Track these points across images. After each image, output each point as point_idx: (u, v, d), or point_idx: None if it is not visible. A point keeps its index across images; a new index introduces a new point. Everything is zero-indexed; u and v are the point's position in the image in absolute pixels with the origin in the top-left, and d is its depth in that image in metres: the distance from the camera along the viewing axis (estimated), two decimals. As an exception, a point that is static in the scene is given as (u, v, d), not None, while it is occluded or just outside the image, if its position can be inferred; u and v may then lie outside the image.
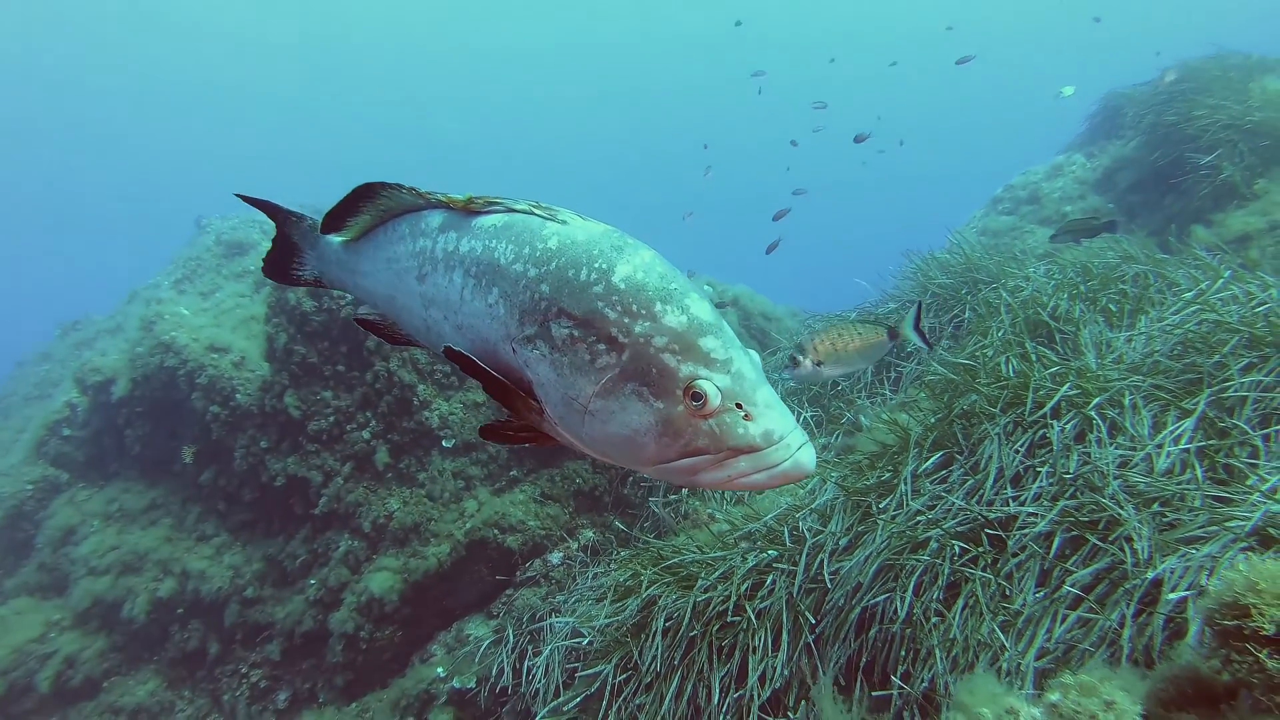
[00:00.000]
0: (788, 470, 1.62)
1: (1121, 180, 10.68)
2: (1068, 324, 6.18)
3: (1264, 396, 4.65)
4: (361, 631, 7.64)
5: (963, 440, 5.13)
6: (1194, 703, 1.90)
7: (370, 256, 2.44)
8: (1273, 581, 1.75)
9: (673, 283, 1.78)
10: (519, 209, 2.02)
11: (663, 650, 4.81)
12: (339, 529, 8.04)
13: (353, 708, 7.64)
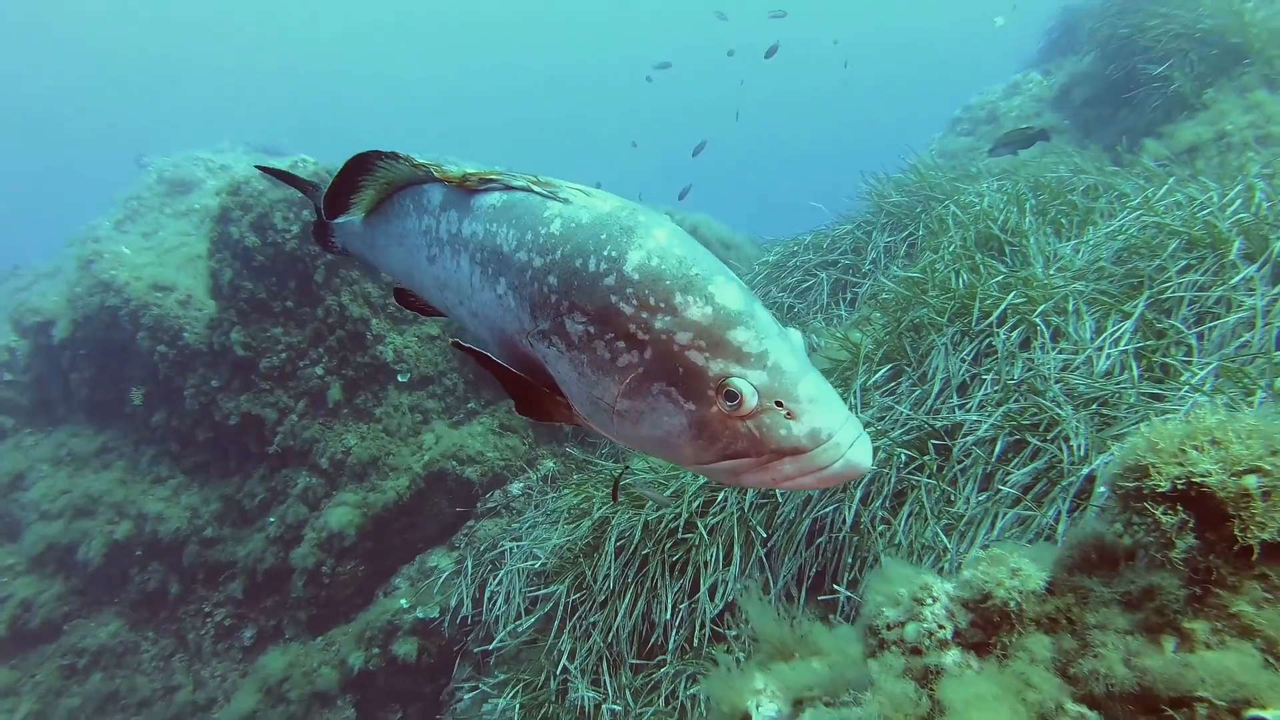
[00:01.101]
0: (839, 471, 1.46)
1: (1077, 96, 10.63)
2: (1018, 236, 6.18)
3: (1199, 296, 4.70)
4: (323, 567, 7.63)
5: (911, 352, 5.15)
6: (1097, 566, 1.93)
7: (383, 231, 2.27)
8: (1170, 441, 1.76)
9: (693, 266, 1.56)
10: (517, 185, 1.82)
11: (615, 569, 4.85)
12: (296, 466, 7.97)
13: (318, 642, 7.68)
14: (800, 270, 7.94)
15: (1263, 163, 6.43)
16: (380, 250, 2.34)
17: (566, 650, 4.95)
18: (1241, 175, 5.90)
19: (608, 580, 4.84)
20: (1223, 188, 5.70)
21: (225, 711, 7.38)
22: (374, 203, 2.24)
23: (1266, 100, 8.30)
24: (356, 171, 2.09)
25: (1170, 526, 1.73)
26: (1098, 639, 1.82)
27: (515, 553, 5.94)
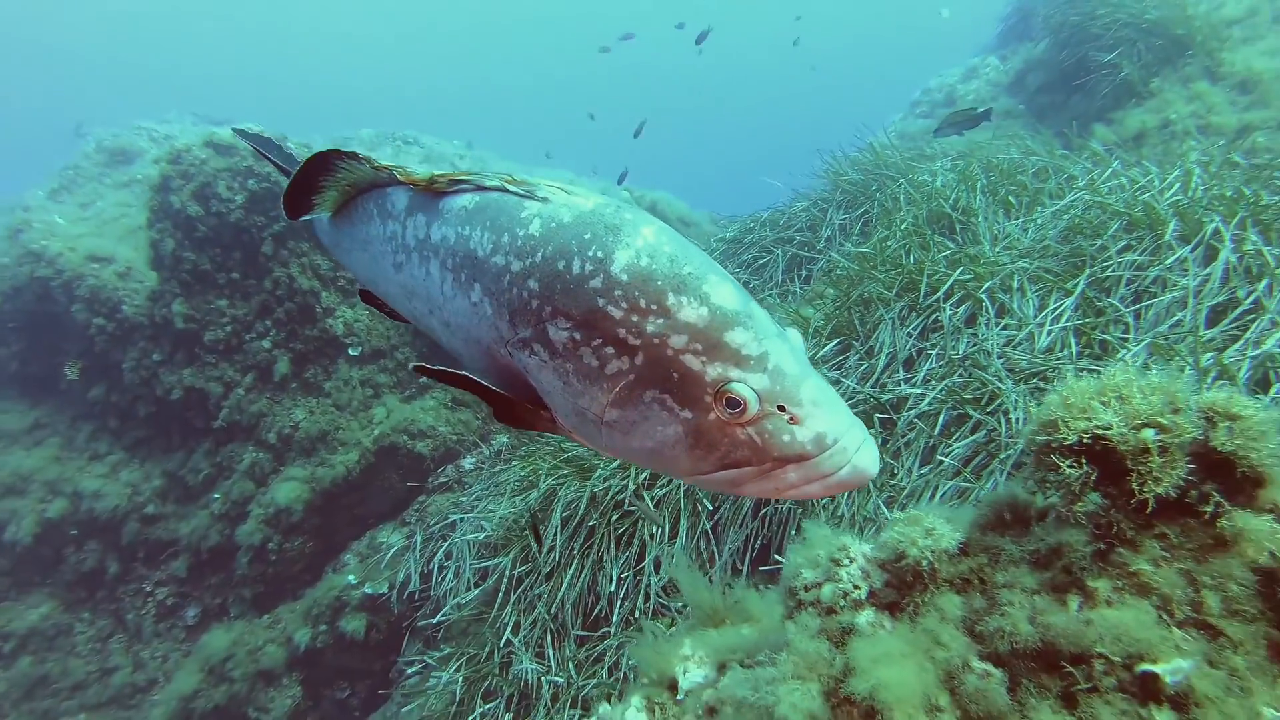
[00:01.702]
0: (845, 478, 1.39)
1: (1032, 81, 10.74)
2: (968, 215, 6.24)
3: (1137, 275, 4.79)
4: (270, 543, 7.53)
5: (860, 327, 5.18)
6: (1010, 526, 1.96)
7: (347, 235, 2.14)
8: (1081, 397, 1.78)
9: (686, 265, 1.47)
10: (490, 186, 1.70)
11: (562, 540, 4.84)
12: (242, 441, 7.82)
13: (264, 620, 7.58)
14: (757, 247, 7.95)
15: (1201, 150, 6.57)
16: (345, 253, 2.21)
17: (510, 623, 4.93)
18: (1181, 161, 6.03)
19: (553, 552, 4.82)
20: (1163, 172, 5.81)
21: (165, 692, 7.25)
22: (337, 204, 2.11)
23: (1208, 91, 8.48)
24: (316, 171, 1.95)
25: (1075, 479, 1.76)
26: (1005, 598, 1.84)
27: (463, 526, 5.90)
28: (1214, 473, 1.82)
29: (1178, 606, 1.77)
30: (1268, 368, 4.19)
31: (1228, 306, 4.55)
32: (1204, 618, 1.76)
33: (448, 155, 12.00)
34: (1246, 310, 4.48)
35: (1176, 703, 1.71)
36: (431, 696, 5.23)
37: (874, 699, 1.72)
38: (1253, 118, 8.14)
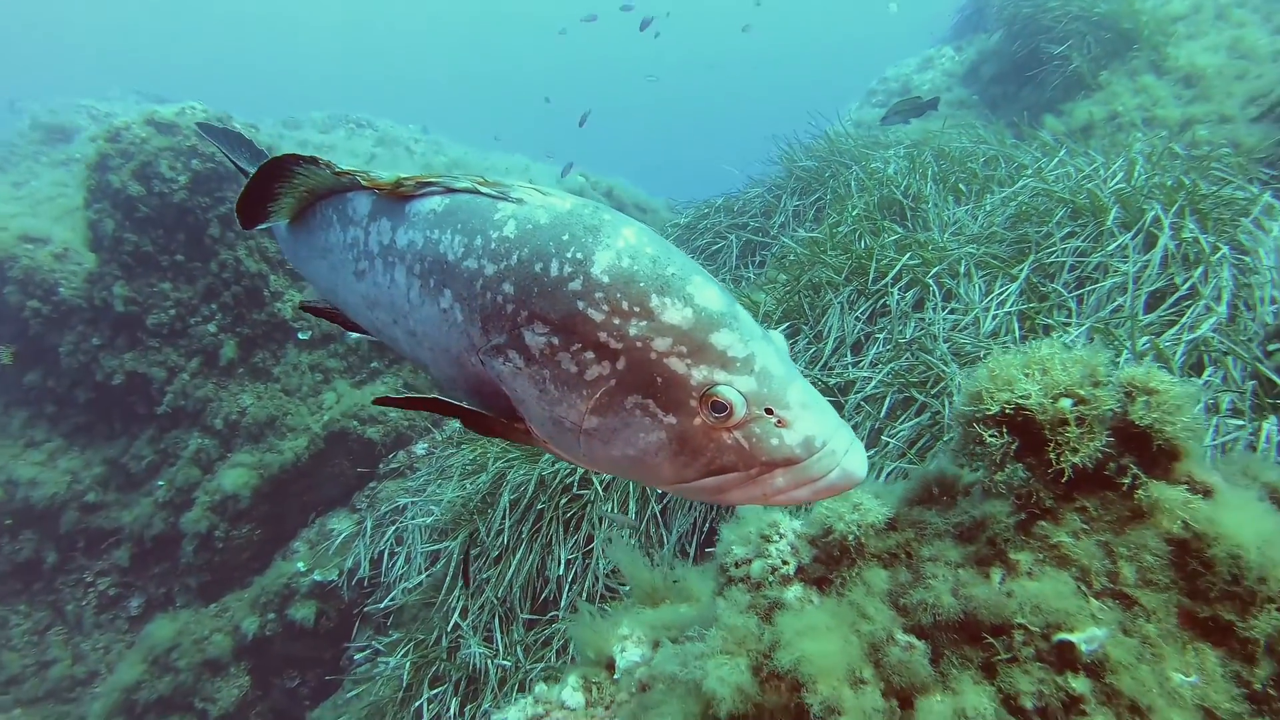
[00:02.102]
0: (835, 482, 1.34)
1: (985, 72, 10.89)
2: (919, 202, 6.30)
3: (1080, 261, 4.88)
4: (217, 531, 7.38)
5: (809, 311, 5.21)
6: (937, 500, 1.98)
7: (305, 243, 2.04)
8: (1005, 369, 1.80)
9: (668, 266, 1.43)
10: (461, 188, 1.63)
11: (510, 524, 4.80)
12: (188, 427, 7.65)
13: (211, 609, 7.44)
14: (711, 232, 7.96)
15: (1145, 141, 6.70)
16: (303, 262, 2.10)
17: (458, 608, 4.89)
18: (1125, 151, 6.15)
19: (501, 536, 4.79)
20: (1108, 161, 5.92)
21: (106, 684, 7.08)
22: (295, 210, 2.00)
23: (1153, 84, 8.66)
24: (271, 178, 1.84)
25: (997, 449, 1.78)
26: (930, 571, 1.86)
27: (412, 510, 5.84)
28: (1132, 446, 1.86)
29: (1095, 577, 1.81)
30: (1201, 351, 4.30)
31: (1166, 292, 4.66)
32: (1120, 588, 1.79)
33: (402, 139, 11.81)
34: (1183, 296, 4.59)
35: (1092, 670, 1.74)
36: (379, 683, 5.18)
37: (798, 671, 1.73)
38: (1195, 111, 8.32)
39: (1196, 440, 1.82)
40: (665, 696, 1.91)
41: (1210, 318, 4.41)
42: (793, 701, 1.82)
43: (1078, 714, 1.71)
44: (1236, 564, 1.70)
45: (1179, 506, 1.77)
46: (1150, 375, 1.82)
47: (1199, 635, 1.79)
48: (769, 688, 1.87)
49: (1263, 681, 1.72)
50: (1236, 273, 4.72)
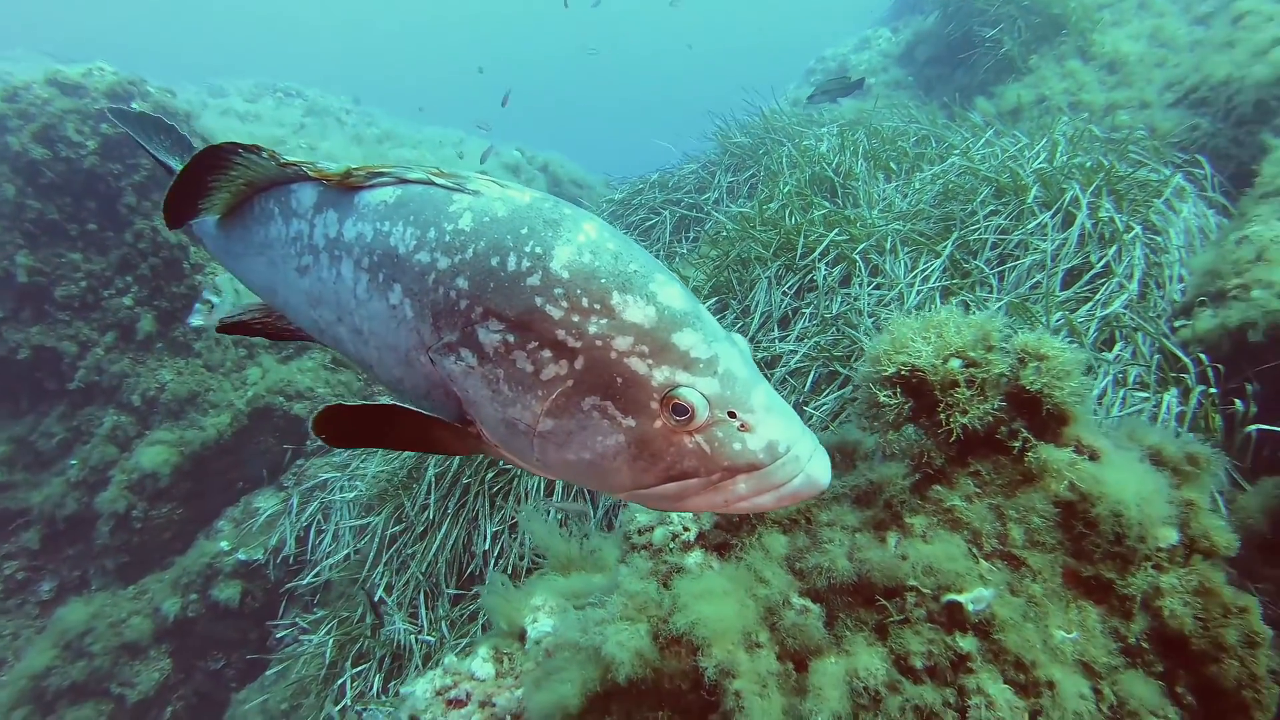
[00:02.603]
0: (798, 488, 1.29)
1: (920, 54, 11.02)
2: (850, 179, 6.36)
3: (1002, 239, 4.99)
4: (134, 511, 7.12)
5: (738, 286, 5.22)
6: (839, 465, 1.99)
7: (240, 239, 1.91)
8: (904, 332, 1.82)
9: (630, 262, 1.38)
10: (414, 179, 1.56)
11: (435, 498, 4.74)
12: (102, 404, 7.34)
13: (129, 591, 7.18)
14: (645, 208, 7.93)
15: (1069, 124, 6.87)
16: (236, 259, 1.98)
17: (383, 584, 4.82)
18: (1048, 132, 6.29)
19: (427, 511, 4.72)
20: (1032, 142, 6.06)
21: (13, 672, 6.80)
22: (228, 205, 1.88)
23: (1079, 69, 8.88)
24: (206, 169, 1.72)
25: (891, 408, 1.80)
26: (827, 535, 1.88)
27: (336, 486, 5.72)
28: (1024, 411, 1.90)
29: (986, 539, 1.85)
30: (1113, 327, 4.44)
31: (1082, 269, 4.80)
32: (1009, 549, 1.84)
33: (333, 109, 11.46)
34: (1098, 274, 4.73)
35: (980, 630, 1.78)
36: (301, 661, 5.08)
37: (692, 634, 1.73)
38: (1118, 97, 8.56)
39: (1084, 405, 1.87)
40: (566, 663, 1.90)
41: (1122, 295, 4.56)
42: (691, 666, 1.82)
43: (965, 672, 1.75)
44: (1118, 521, 1.75)
45: (1065, 467, 1.81)
46: (1041, 342, 1.85)
47: (1082, 594, 1.84)
48: (669, 653, 1.88)
49: (1136, 636, 1.78)
50: (1149, 252, 4.88)
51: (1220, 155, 6.33)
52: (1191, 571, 1.81)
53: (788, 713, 1.75)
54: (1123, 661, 1.78)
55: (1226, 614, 1.80)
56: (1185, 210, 5.20)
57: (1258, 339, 3.92)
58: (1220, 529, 1.82)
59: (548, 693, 1.89)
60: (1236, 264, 4.36)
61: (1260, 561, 3.29)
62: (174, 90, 7.57)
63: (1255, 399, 3.72)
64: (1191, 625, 1.77)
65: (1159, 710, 1.75)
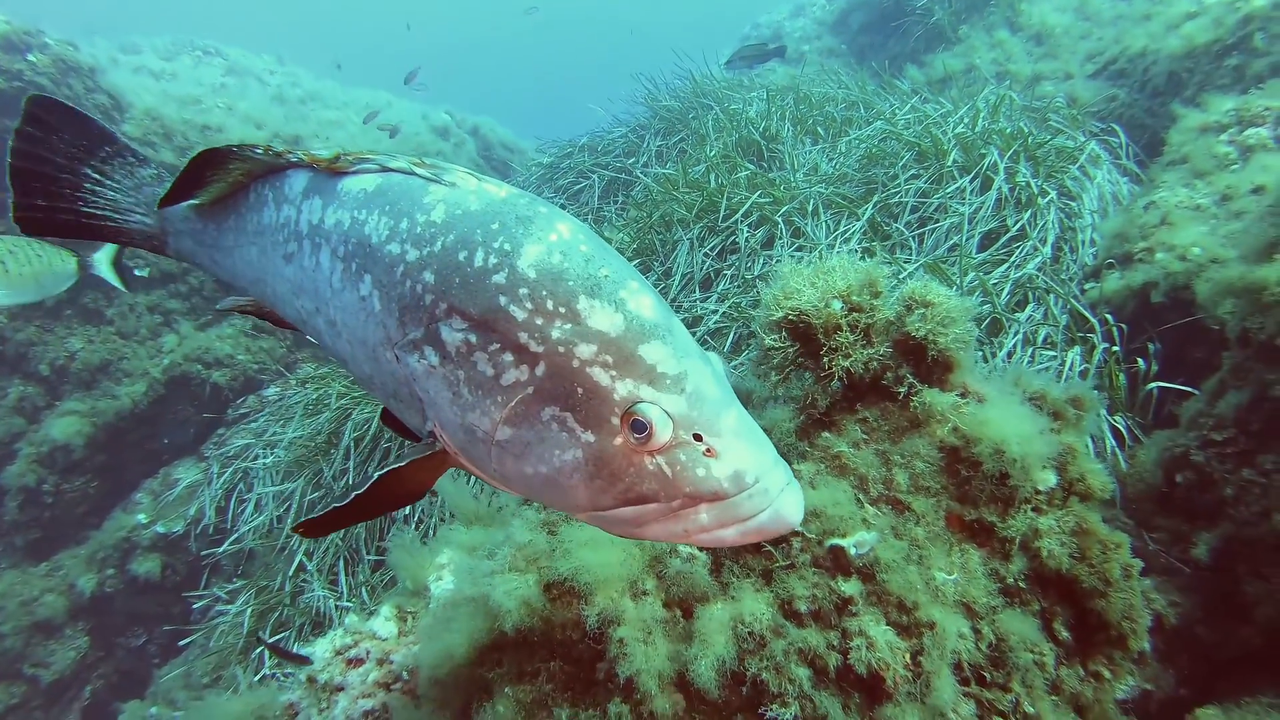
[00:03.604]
0: (764, 524, 1.20)
1: (854, 21, 11.06)
2: (776, 142, 6.37)
3: (922, 202, 5.06)
4: (45, 484, 6.85)
5: (660, 247, 5.20)
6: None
7: (232, 229, 1.85)
8: (795, 278, 1.82)
9: (602, 266, 1.30)
10: (395, 167, 1.50)
11: (354, 463, 4.65)
12: (7, 374, 7.02)
13: (41, 568, 6.93)
14: (574, 172, 7.85)
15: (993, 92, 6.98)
16: (227, 252, 1.91)
17: (301, 550, 4.73)
18: (972, 98, 6.38)
19: (345, 476, 4.64)
20: (955, 108, 6.14)
21: (-84, 657, 6.54)
22: (221, 194, 1.84)
23: (1007, 40, 9.00)
24: (205, 167, 1.70)
25: (778, 352, 1.80)
26: (716, 481, 1.88)
27: (254, 453, 5.58)
28: (910, 358, 1.92)
29: (872, 484, 1.87)
30: (1026, 289, 4.55)
31: (999, 233, 4.90)
32: (894, 494, 1.87)
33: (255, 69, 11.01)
34: (1014, 237, 4.83)
35: (864, 573, 1.81)
36: (219, 631, 4.97)
37: (575, 580, 1.72)
38: (1043, 68, 8.70)
39: (968, 352, 1.90)
40: (456, 614, 1.88)
41: (1036, 257, 4.67)
42: (580, 615, 1.81)
43: (848, 615, 1.78)
44: (1000, 459, 1.79)
45: (950, 411, 1.84)
46: (927, 289, 1.87)
47: (965, 537, 1.89)
48: (560, 604, 1.87)
49: (1015, 576, 1.83)
50: (1063, 216, 5.00)
51: (1135, 125, 6.50)
52: (1069, 513, 1.86)
53: (674, 659, 1.76)
54: (1002, 601, 1.83)
55: (1105, 551, 1.86)
56: (1099, 177, 5.34)
57: (1159, 300, 4.06)
58: (1096, 472, 1.88)
59: (437, 643, 1.87)
60: (1143, 228, 4.50)
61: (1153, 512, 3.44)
62: (76, 44, 7.19)
63: (1156, 358, 3.87)
64: (1068, 564, 1.82)
65: (1036, 646, 1.80)
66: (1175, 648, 2.74)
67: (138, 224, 2.08)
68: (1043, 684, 1.75)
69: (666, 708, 1.74)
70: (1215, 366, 3.12)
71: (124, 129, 7.50)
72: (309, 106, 10.02)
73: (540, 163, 8.51)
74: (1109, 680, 1.81)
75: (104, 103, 7.31)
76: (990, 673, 1.76)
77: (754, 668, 1.74)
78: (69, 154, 1.99)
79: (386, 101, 10.84)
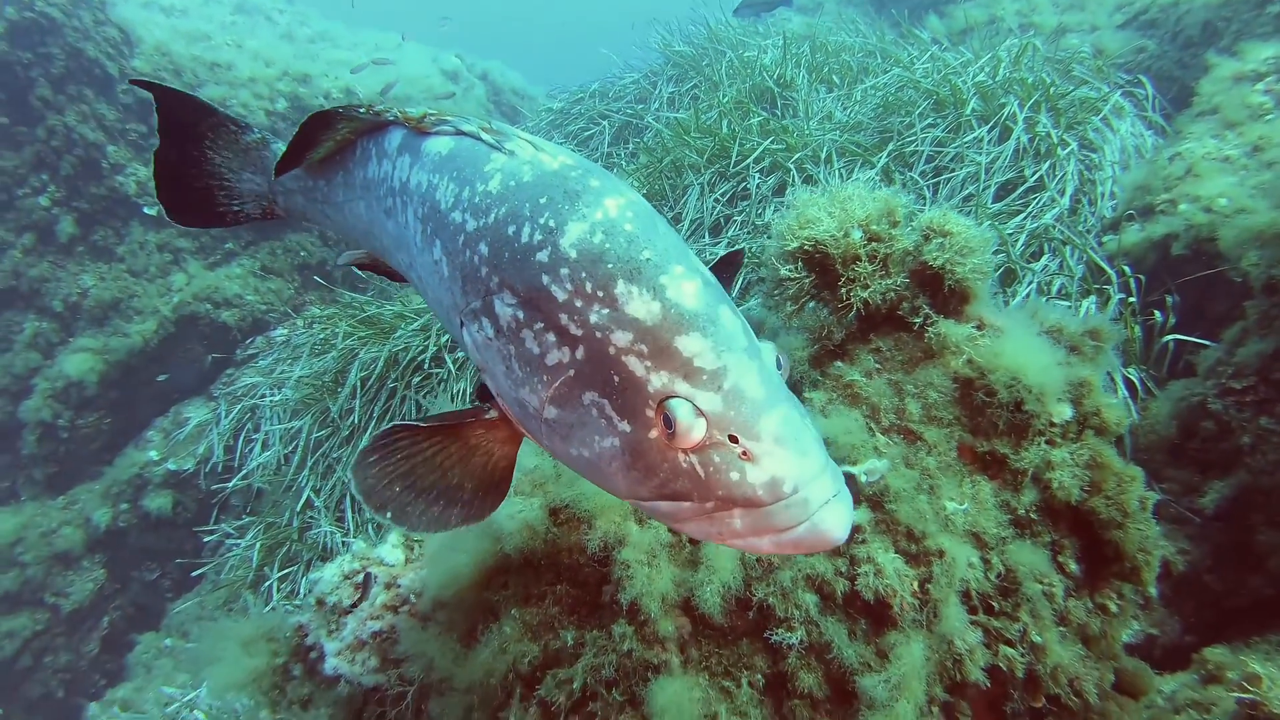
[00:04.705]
0: (800, 538, 1.12)
1: (876, -30, 10.78)
2: (791, 90, 6.25)
3: (938, 151, 4.97)
4: (60, 420, 6.93)
5: (670, 193, 5.14)
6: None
7: (341, 184, 1.86)
8: (812, 208, 1.78)
9: (645, 249, 1.24)
10: (466, 130, 1.47)
11: (360, 403, 4.67)
12: (22, 309, 7.07)
13: (58, 501, 7.04)
14: (584, 118, 7.74)
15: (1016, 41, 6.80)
16: (338, 207, 1.92)
17: (309, 487, 4.77)
18: (993, 49, 6.22)
19: (352, 415, 4.65)
20: (976, 57, 5.99)
21: (-56, 582, 6.68)
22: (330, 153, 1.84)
23: (1034, -11, 8.75)
24: (316, 129, 1.71)
25: (793, 282, 1.77)
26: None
27: (264, 393, 5.61)
28: (926, 288, 1.89)
29: (884, 414, 1.86)
30: (1042, 240, 4.48)
31: (1016, 183, 4.81)
32: (905, 424, 1.85)
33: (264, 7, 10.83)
34: (1031, 188, 4.75)
35: (874, 501, 1.80)
36: (229, 565, 5.05)
37: (577, 506, 1.72)
38: (1070, 19, 8.47)
39: (986, 283, 1.86)
40: (463, 537, 1.89)
41: (1053, 209, 4.59)
42: (584, 539, 1.82)
43: (857, 543, 1.77)
44: (1015, 389, 1.76)
45: (965, 342, 1.82)
46: (946, 218, 1.83)
47: (977, 469, 1.87)
48: (566, 528, 1.87)
49: (1025, 508, 1.82)
50: (1083, 168, 4.91)
51: (1164, 77, 6.32)
52: (1084, 446, 1.84)
53: (679, 584, 1.76)
54: (1012, 533, 1.82)
55: (1121, 484, 1.84)
56: (1123, 129, 5.22)
57: (1181, 252, 4.00)
58: (1113, 406, 1.86)
59: (443, 565, 1.88)
60: (1167, 179, 4.41)
61: (1164, 463, 3.43)
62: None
63: (1174, 310, 3.82)
64: (1079, 497, 1.81)
65: (1045, 577, 1.80)
66: (1182, 594, 2.74)
67: (249, 187, 2.11)
68: (1050, 615, 1.75)
69: (671, 630, 1.75)
70: (1235, 319, 3.08)
71: (133, 64, 7.42)
72: (318, 45, 9.87)
73: (550, 108, 8.38)
74: (1116, 614, 1.81)
75: (113, 36, 7.22)
76: (998, 602, 1.76)
77: (761, 593, 1.74)
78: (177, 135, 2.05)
79: (396, 43, 10.65)
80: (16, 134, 6.83)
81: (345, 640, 2.32)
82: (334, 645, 2.34)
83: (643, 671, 1.74)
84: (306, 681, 2.45)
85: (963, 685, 1.70)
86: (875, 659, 1.69)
